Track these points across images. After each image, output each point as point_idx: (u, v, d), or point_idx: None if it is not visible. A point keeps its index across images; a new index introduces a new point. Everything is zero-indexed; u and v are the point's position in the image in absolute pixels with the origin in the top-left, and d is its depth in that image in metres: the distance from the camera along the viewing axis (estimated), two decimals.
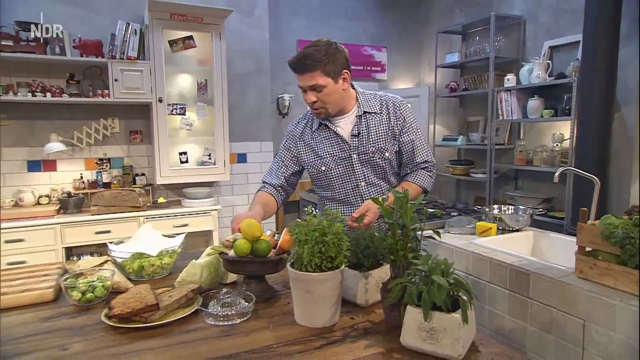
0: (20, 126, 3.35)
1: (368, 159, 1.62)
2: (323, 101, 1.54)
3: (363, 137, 1.62)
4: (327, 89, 1.52)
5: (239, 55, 4.03)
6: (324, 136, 1.65)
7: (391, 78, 5.37)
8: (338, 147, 1.63)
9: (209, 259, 1.35)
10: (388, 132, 1.62)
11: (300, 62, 1.50)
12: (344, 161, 1.63)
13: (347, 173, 1.64)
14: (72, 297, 1.23)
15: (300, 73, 1.52)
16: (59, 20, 3.28)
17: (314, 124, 1.67)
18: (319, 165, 1.66)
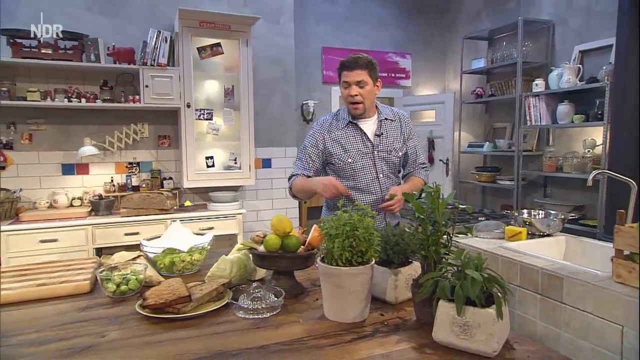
0: (57, 131, 3.49)
1: (385, 156, 1.94)
2: (363, 96, 1.85)
3: (383, 138, 1.94)
4: (368, 87, 1.86)
5: (265, 61, 4.10)
6: (351, 133, 1.93)
7: (415, 85, 5.35)
8: (362, 144, 1.92)
9: (239, 255, 1.37)
10: (400, 137, 1.98)
11: (354, 61, 1.83)
12: (367, 156, 1.92)
13: (369, 166, 1.92)
14: (107, 288, 1.27)
15: (351, 69, 1.82)
16: (97, 30, 3.43)
17: (341, 123, 1.95)
18: (345, 157, 1.91)
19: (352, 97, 1.84)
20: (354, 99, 1.84)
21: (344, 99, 1.89)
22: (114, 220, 3.23)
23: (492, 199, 4.81)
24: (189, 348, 0.98)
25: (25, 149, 3.42)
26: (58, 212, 3.26)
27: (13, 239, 2.99)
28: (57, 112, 3.42)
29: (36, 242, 3.04)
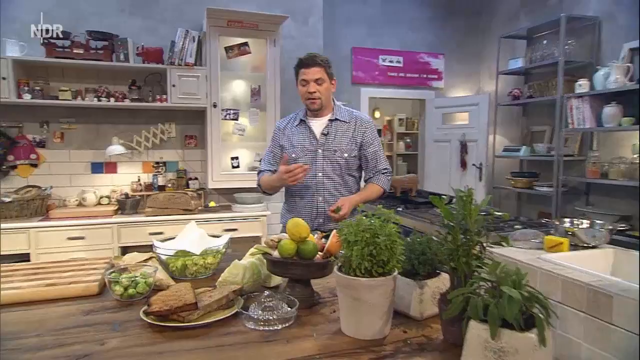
0: (87, 130, 3.54)
1: (329, 156, 1.99)
2: (320, 92, 1.94)
3: (330, 137, 2.00)
4: (325, 85, 1.95)
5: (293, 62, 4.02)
6: (300, 131, 2.04)
7: (448, 86, 5.17)
8: (309, 141, 2.02)
9: (252, 260, 1.28)
10: (351, 139, 2.01)
11: (313, 59, 1.94)
12: (311, 153, 2.00)
13: (310, 163, 1.98)
14: (114, 291, 1.21)
15: (310, 67, 1.92)
16: (128, 31, 3.46)
17: (295, 122, 2.08)
18: (290, 152, 2.02)
19: (311, 93, 1.93)
20: (312, 95, 1.93)
21: (302, 95, 1.98)
22: (139, 220, 3.24)
23: (528, 206, 4.56)
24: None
25: (57, 147, 3.48)
26: (86, 210, 3.30)
27: (42, 236, 3.04)
28: (87, 111, 3.47)
29: (64, 239, 3.08)
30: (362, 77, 4.82)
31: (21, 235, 2.99)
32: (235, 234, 3.48)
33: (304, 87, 1.95)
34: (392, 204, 3.12)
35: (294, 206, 2.07)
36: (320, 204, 2.00)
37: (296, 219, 1.18)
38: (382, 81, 4.89)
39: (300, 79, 1.95)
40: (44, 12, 3.33)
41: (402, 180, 3.43)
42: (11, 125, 3.34)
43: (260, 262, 1.30)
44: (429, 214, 2.74)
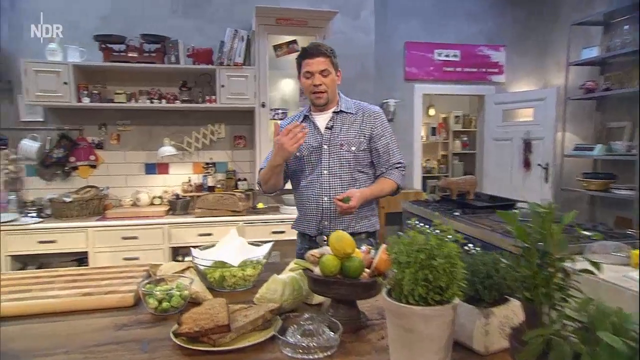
0: (141, 131, 3.62)
1: (335, 151, 1.81)
2: (326, 85, 1.78)
3: (335, 131, 1.83)
4: (331, 77, 1.80)
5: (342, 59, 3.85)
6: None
7: (510, 80, 4.80)
8: (313, 138, 1.83)
9: (293, 275, 1.17)
10: (358, 131, 1.83)
11: (317, 48, 1.77)
12: (316, 150, 1.83)
13: (316, 160, 1.83)
14: (148, 304, 1.15)
15: (314, 57, 1.75)
16: (180, 32, 3.48)
17: (300, 119, 1.90)
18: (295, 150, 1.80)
19: (316, 86, 1.76)
20: (317, 88, 1.77)
21: (306, 89, 1.83)
22: (188, 221, 3.25)
23: (603, 211, 4.12)
24: None
25: (114, 148, 3.59)
26: (140, 210, 3.37)
27: (99, 235, 3.13)
28: (141, 113, 3.55)
29: (119, 238, 3.15)
30: (416, 73, 4.59)
31: (80, 235, 3.10)
32: (283, 236, 3.40)
33: (308, 79, 1.78)
34: (447, 208, 2.90)
35: (300, 208, 1.91)
36: (326, 205, 1.81)
37: (340, 233, 1.05)
38: (438, 77, 4.63)
39: (304, 70, 1.77)
40: (101, 17, 3.45)
41: (459, 182, 3.19)
42: (73, 128, 3.48)
43: (301, 277, 1.18)
44: (489, 219, 2.50)
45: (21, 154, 3.32)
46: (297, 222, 1.96)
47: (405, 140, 4.65)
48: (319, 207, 1.82)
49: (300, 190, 1.90)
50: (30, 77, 3.06)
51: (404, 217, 3.30)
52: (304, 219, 1.88)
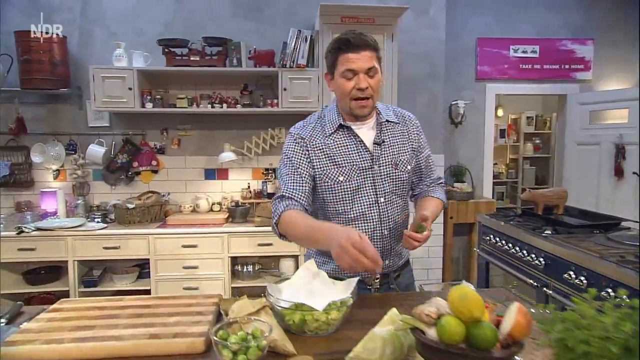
0: (201, 136, 3.56)
1: (389, 172, 1.45)
2: (373, 89, 1.36)
3: (386, 147, 1.46)
4: (378, 77, 1.37)
5: (410, 57, 3.63)
6: (343, 142, 1.43)
7: (598, 77, 4.30)
8: (359, 155, 1.43)
9: (392, 330, 0.96)
10: (407, 144, 1.51)
11: (362, 38, 1.32)
12: (365, 172, 1.43)
13: (367, 186, 1.43)
14: (222, 356, 0.98)
15: (358, 50, 1.31)
16: (241, 34, 3.38)
17: (327, 128, 1.44)
18: (335, 175, 1.41)
19: (362, 90, 1.34)
20: (363, 92, 1.34)
21: (344, 94, 1.37)
22: (248, 230, 3.13)
23: None
24: None
25: (175, 153, 3.56)
26: (199, 217, 3.30)
27: (160, 242, 3.09)
28: (201, 117, 3.48)
29: (179, 246, 3.09)
30: (488, 71, 4.21)
31: (142, 242, 3.07)
32: None
33: (349, 80, 1.35)
34: (533, 225, 2.56)
35: None
36: (387, 240, 1.45)
37: (465, 289, 0.82)
38: (513, 75, 4.23)
39: (344, 68, 1.34)
40: (165, 23, 3.41)
41: (546, 194, 2.82)
42: (136, 132, 3.48)
43: (404, 334, 0.96)
44: (591, 242, 2.15)
45: (88, 159, 3.35)
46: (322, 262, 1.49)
47: (475, 144, 4.29)
48: (377, 245, 1.43)
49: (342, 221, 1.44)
50: (98, 83, 3.06)
51: (479, 232, 2.98)
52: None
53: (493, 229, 2.78)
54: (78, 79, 3.35)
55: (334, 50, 1.37)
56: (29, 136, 3.35)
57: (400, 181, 1.48)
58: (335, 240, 1.11)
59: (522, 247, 2.42)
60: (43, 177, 3.45)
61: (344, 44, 1.33)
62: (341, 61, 1.35)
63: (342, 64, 1.35)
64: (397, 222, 1.48)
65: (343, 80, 1.36)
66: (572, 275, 1.97)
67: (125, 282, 3.19)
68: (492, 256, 2.78)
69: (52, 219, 3.21)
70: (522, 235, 2.46)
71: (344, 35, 1.35)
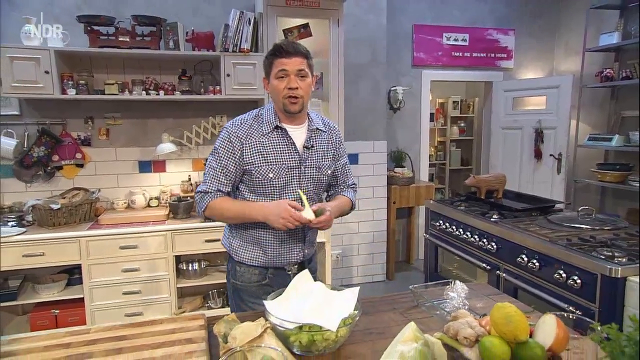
0: (133, 125, 3.23)
1: (313, 174, 1.62)
2: (303, 90, 1.53)
3: (313, 151, 1.63)
4: (308, 81, 1.54)
5: (354, 43, 3.60)
6: (277, 142, 1.58)
7: (518, 66, 4.63)
8: (289, 156, 1.58)
9: (419, 348, 0.92)
10: (329, 151, 1.68)
11: (293, 46, 1.51)
12: (292, 171, 1.58)
13: (293, 184, 1.59)
14: None
15: (290, 56, 1.49)
16: (174, 13, 3.09)
17: (264, 127, 1.57)
18: (266, 171, 1.55)
19: (292, 89, 1.50)
20: (294, 92, 1.50)
21: (277, 93, 1.53)
22: (193, 226, 2.93)
23: (614, 202, 4.07)
24: None
25: (103, 145, 3.19)
26: (136, 215, 3.01)
27: (93, 245, 2.77)
28: (133, 105, 3.15)
29: (116, 248, 2.81)
30: (424, 58, 4.33)
31: (72, 245, 2.74)
32: None
33: (281, 80, 1.50)
34: (479, 209, 2.71)
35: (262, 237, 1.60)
36: (307, 232, 1.64)
37: (508, 308, 0.80)
38: (446, 62, 4.40)
39: (277, 69, 1.50)
40: None
41: (488, 179, 3.00)
42: (54, 122, 3.05)
43: (428, 348, 0.93)
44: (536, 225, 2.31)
45: None
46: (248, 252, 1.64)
47: (413, 129, 4.42)
48: (298, 236, 1.62)
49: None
50: (5, 65, 2.61)
51: (427, 217, 3.09)
52: (272, 250, 1.61)
53: (442, 215, 2.89)
54: None
55: (270, 57, 1.53)
56: None
57: (321, 182, 1.66)
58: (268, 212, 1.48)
59: (474, 232, 2.55)
60: None
61: (278, 51, 1.50)
62: (276, 64, 1.51)
63: (276, 66, 1.51)
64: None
65: (277, 81, 1.52)
66: (525, 259, 2.11)
67: (53, 292, 2.83)
68: (441, 240, 2.90)
69: None
70: (472, 220, 2.58)
71: (279, 43, 1.53)
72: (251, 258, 1.63)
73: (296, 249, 1.63)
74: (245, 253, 1.64)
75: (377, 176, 3.89)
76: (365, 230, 3.89)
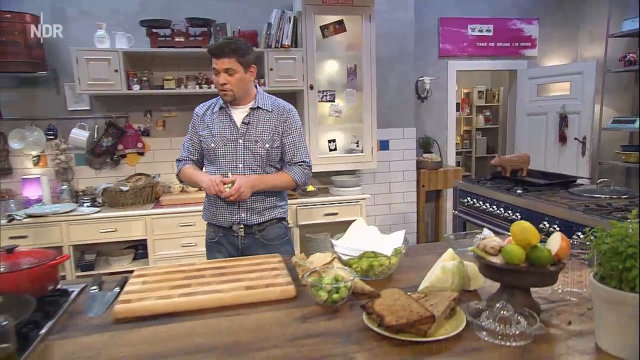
0: (186, 117, 3.58)
1: (250, 146, 1.89)
2: (232, 84, 1.82)
3: (251, 127, 1.90)
4: (238, 75, 1.82)
5: (382, 38, 3.86)
6: (220, 119, 1.92)
7: (543, 54, 4.78)
8: (229, 131, 1.90)
9: (456, 264, 1.21)
10: (272, 129, 1.92)
11: (221, 48, 1.80)
12: (231, 143, 1.89)
13: (231, 153, 1.89)
14: (319, 297, 1.18)
15: (218, 57, 1.80)
16: (221, 14, 3.42)
17: (215, 108, 1.95)
18: (209, 142, 1.92)
19: (222, 85, 1.82)
20: (223, 87, 1.83)
21: (215, 85, 1.88)
22: None
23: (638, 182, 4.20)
24: None
25: (160, 135, 3.57)
26: (191, 197, 3.38)
27: (157, 222, 3.15)
28: (186, 98, 3.51)
29: (177, 225, 3.17)
30: (450, 49, 4.55)
31: (138, 223, 3.12)
32: (336, 218, 3.46)
33: (215, 76, 1.84)
34: (504, 186, 2.94)
35: (214, 200, 1.92)
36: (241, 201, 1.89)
37: (524, 224, 1.08)
38: (471, 53, 4.60)
39: (213, 67, 1.83)
40: (140, 1, 3.37)
41: (512, 159, 3.22)
42: (119, 115, 3.45)
43: (462, 265, 1.22)
44: (559, 197, 2.54)
45: (71, 143, 3.29)
46: (208, 212, 1.99)
47: (439, 118, 4.65)
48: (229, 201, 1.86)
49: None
50: (82, 66, 3.01)
51: (456, 195, 3.33)
52: (217, 211, 1.93)
53: (470, 192, 3.14)
54: (53, 61, 3.25)
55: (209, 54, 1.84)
56: (3, 122, 3.22)
57: (259, 155, 1.90)
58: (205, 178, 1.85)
59: (500, 206, 2.79)
60: (22, 163, 3.34)
61: (210, 52, 1.82)
62: (213, 62, 1.83)
63: (213, 64, 1.83)
64: None
65: (214, 76, 1.86)
66: (547, 225, 2.35)
67: (123, 264, 3.23)
68: (469, 215, 3.14)
69: (39, 206, 3.15)
70: (498, 195, 2.82)
71: (211, 45, 1.87)
72: (209, 217, 1.98)
73: (234, 212, 1.89)
74: (206, 212, 2.01)
75: (406, 161, 4.15)
76: (397, 212, 4.16)
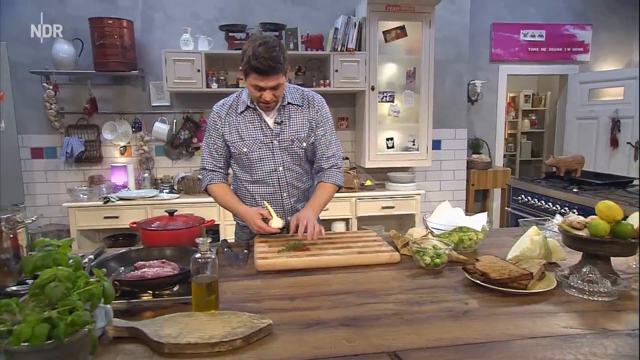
0: None
1: (287, 146, 1.75)
2: (277, 97, 1.65)
3: (285, 126, 1.74)
4: (282, 87, 1.64)
5: (439, 41, 4.05)
6: (249, 120, 1.74)
7: (595, 59, 4.84)
8: (261, 132, 1.73)
9: (542, 237, 1.41)
10: (306, 124, 1.76)
11: (271, 67, 1.53)
12: (265, 145, 1.74)
13: (267, 157, 1.75)
14: (422, 260, 1.40)
15: (267, 75, 1.55)
16: (290, 18, 3.70)
17: (239, 107, 1.74)
18: (241, 146, 1.74)
19: (266, 103, 1.63)
20: (267, 103, 1.64)
21: (253, 96, 1.66)
22: None
23: None
24: (559, 322, 1.04)
25: None
26: None
27: None
28: None
29: None
30: (501, 54, 4.68)
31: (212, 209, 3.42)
32: (392, 211, 3.67)
33: (257, 92, 1.60)
34: (560, 185, 3.08)
35: (251, 203, 1.80)
36: (286, 200, 1.82)
37: (609, 202, 1.27)
38: (522, 57, 4.72)
39: (254, 83, 1.58)
40: (219, 7, 3.70)
41: (567, 160, 3.35)
42: (195, 111, 3.78)
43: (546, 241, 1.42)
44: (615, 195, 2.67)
45: (154, 135, 3.65)
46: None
47: (489, 120, 4.79)
48: (279, 205, 1.80)
49: (250, 186, 1.81)
50: (170, 66, 3.35)
51: (509, 194, 3.49)
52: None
53: (524, 190, 3.29)
54: (141, 61, 3.61)
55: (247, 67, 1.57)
56: (97, 115, 3.61)
57: (296, 154, 1.77)
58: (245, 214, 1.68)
59: (555, 203, 2.94)
60: (110, 153, 3.72)
61: (256, 69, 1.54)
62: (252, 76, 1.57)
63: (253, 78, 1.58)
64: (296, 186, 1.82)
65: (252, 89, 1.62)
66: None
67: None
68: (523, 212, 3.29)
69: (126, 191, 3.52)
70: (553, 192, 2.97)
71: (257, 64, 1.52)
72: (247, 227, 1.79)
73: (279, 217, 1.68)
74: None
75: (457, 160, 4.32)
76: None
